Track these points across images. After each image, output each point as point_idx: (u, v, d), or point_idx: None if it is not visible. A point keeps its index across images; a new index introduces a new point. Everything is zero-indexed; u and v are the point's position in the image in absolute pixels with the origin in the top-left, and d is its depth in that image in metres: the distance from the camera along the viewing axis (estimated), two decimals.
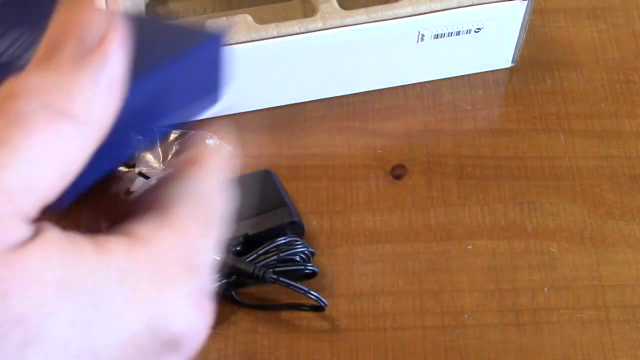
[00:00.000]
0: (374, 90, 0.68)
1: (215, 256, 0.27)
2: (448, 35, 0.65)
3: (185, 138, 0.68)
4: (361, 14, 0.62)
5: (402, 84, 0.69)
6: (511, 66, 0.70)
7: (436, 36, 0.65)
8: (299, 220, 0.60)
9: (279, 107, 0.68)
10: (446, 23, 0.64)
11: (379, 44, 0.65)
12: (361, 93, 0.68)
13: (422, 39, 0.65)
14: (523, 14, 0.65)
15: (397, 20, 0.63)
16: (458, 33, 0.65)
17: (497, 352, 0.57)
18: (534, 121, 0.67)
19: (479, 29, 0.65)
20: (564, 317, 0.58)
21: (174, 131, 0.69)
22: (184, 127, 0.29)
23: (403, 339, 0.57)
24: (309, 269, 0.58)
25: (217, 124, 0.30)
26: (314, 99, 0.68)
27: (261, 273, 0.56)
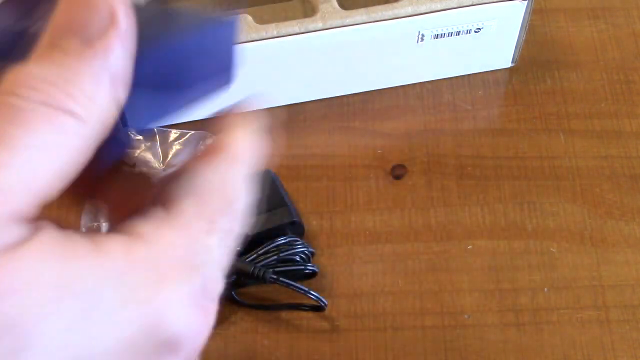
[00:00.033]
0: (374, 90, 0.68)
1: (223, 252, 0.26)
2: (448, 35, 0.65)
3: (185, 138, 0.68)
4: (361, 14, 0.62)
5: (402, 84, 0.69)
6: (511, 66, 0.70)
7: (436, 36, 0.65)
8: (299, 220, 0.60)
9: (279, 107, 0.68)
10: (446, 23, 0.64)
11: (379, 44, 0.65)
12: (361, 93, 0.68)
13: (422, 39, 0.65)
14: (523, 14, 0.65)
15: (397, 20, 0.63)
16: (458, 33, 0.65)
17: (497, 352, 0.57)
18: (534, 121, 0.67)
19: (479, 29, 0.65)
20: (564, 317, 0.58)
21: (173, 131, 0.69)
22: (194, 106, 0.28)
23: (403, 339, 0.57)
24: (309, 269, 0.58)
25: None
26: (314, 99, 0.68)
27: (261, 273, 0.56)
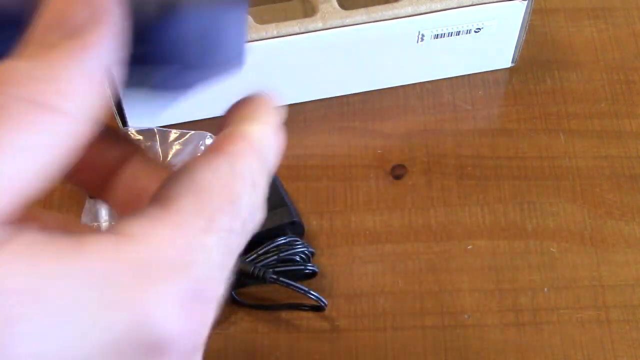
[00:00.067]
0: (374, 90, 0.68)
1: (224, 252, 0.25)
2: (448, 35, 0.65)
3: (185, 138, 0.68)
4: (361, 14, 0.62)
5: (402, 84, 0.69)
6: (511, 66, 0.70)
7: (436, 36, 0.65)
8: (299, 220, 0.60)
9: (279, 107, 0.68)
10: (446, 23, 0.64)
11: (379, 44, 0.65)
12: (361, 93, 0.68)
13: (422, 39, 0.65)
14: (523, 14, 0.65)
15: (397, 20, 0.63)
16: (458, 33, 0.65)
17: (497, 352, 0.57)
18: (534, 121, 0.67)
19: (479, 29, 0.65)
20: (564, 317, 0.58)
21: (173, 131, 0.69)
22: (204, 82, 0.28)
23: (403, 339, 0.57)
24: (309, 269, 0.58)
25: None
26: (314, 99, 0.68)
27: (261, 273, 0.56)
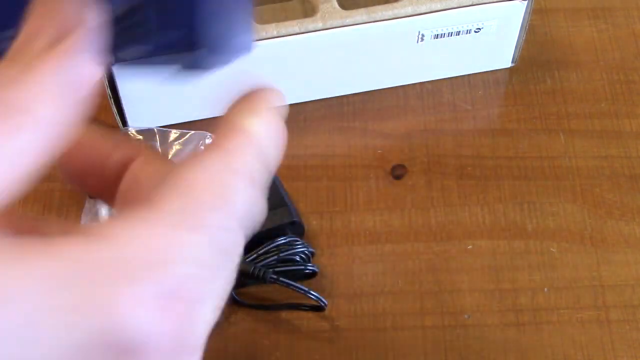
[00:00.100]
0: (374, 90, 0.68)
1: (214, 251, 0.24)
2: (448, 35, 0.65)
3: (185, 138, 0.68)
4: (361, 14, 0.62)
5: (402, 84, 0.69)
6: (511, 66, 0.70)
7: (436, 36, 0.65)
8: (299, 220, 0.60)
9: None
10: (446, 23, 0.64)
11: (379, 44, 0.65)
12: (361, 93, 0.68)
13: (422, 39, 0.65)
14: (523, 14, 0.65)
15: (397, 20, 0.63)
16: (458, 33, 0.65)
17: (497, 352, 0.57)
18: (534, 121, 0.67)
19: (479, 29, 0.65)
20: (564, 317, 0.58)
21: (173, 131, 0.69)
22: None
23: (403, 339, 0.57)
24: (309, 269, 0.58)
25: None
26: (314, 99, 0.68)
27: (261, 273, 0.56)
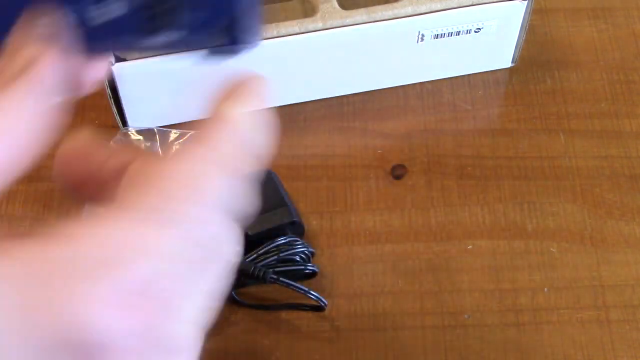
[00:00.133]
0: (374, 90, 0.68)
1: (184, 246, 0.24)
2: (448, 35, 0.65)
3: (185, 138, 0.68)
4: (361, 14, 0.62)
5: (402, 84, 0.69)
6: (511, 66, 0.70)
7: (436, 36, 0.65)
8: (299, 220, 0.60)
9: (279, 107, 0.68)
10: (446, 23, 0.64)
11: (379, 44, 0.65)
12: (361, 93, 0.68)
13: (422, 39, 0.65)
14: (523, 14, 0.65)
15: (397, 20, 0.63)
16: (458, 33, 0.65)
17: (497, 352, 0.57)
18: (534, 121, 0.67)
19: (479, 29, 0.65)
20: (564, 317, 0.58)
21: (173, 131, 0.69)
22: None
23: (403, 339, 0.57)
24: (309, 269, 0.58)
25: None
26: (314, 99, 0.68)
27: (261, 273, 0.56)
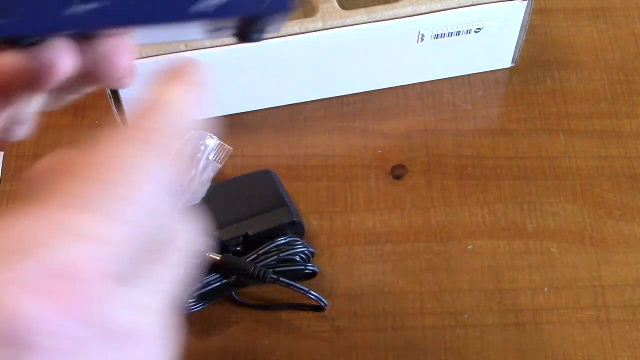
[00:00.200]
0: (374, 90, 0.68)
1: (114, 224, 0.23)
2: (448, 35, 0.65)
3: (185, 138, 0.68)
4: (361, 14, 0.62)
5: (402, 84, 0.69)
6: (511, 66, 0.70)
7: (436, 36, 0.65)
8: (299, 220, 0.60)
9: (279, 107, 0.68)
10: (446, 23, 0.64)
11: (379, 44, 0.65)
12: (361, 93, 0.68)
13: (422, 39, 0.65)
14: (523, 14, 0.65)
15: (397, 20, 0.63)
16: (458, 33, 0.65)
17: (497, 352, 0.57)
18: (534, 121, 0.67)
19: (479, 29, 0.65)
20: (564, 317, 0.58)
21: None
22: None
23: (403, 339, 0.57)
24: (309, 269, 0.58)
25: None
26: (314, 99, 0.68)
27: (261, 273, 0.56)
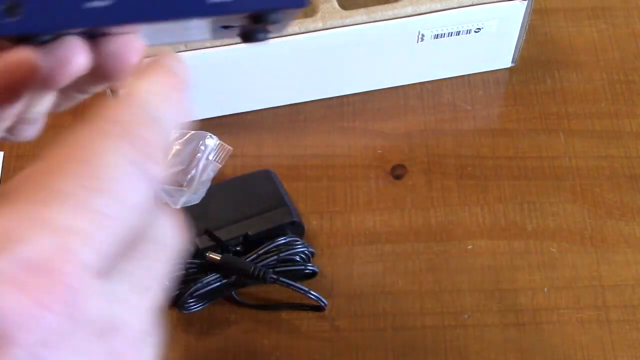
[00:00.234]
0: (374, 90, 0.68)
1: (84, 217, 0.23)
2: (448, 35, 0.65)
3: (185, 138, 0.68)
4: (361, 14, 0.62)
5: (402, 84, 0.69)
6: (511, 66, 0.70)
7: (436, 36, 0.65)
8: (299, 220, 0.60)
9: (279, 107, 0.68)
10: (446, 23, 0.64)
11: (379, 44, 0.65)
12: (361, 93, 0.68)
13: (422, 39, 0.65)
14: (523, 14, 0.65)
15: (397, 20, 0.63)
16: (458, 33, 0.65)
17: (497, 352, 0.57)
18: (534, 121, 0.67)
19: (479, 29, 0.65)
20: (564, 317, 0.58)
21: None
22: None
23: (403, 339, 0.57)
24: (309, 269, 0.58)
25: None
26: (314, 99, 0.68)
27: (261, 273, 0.56)
